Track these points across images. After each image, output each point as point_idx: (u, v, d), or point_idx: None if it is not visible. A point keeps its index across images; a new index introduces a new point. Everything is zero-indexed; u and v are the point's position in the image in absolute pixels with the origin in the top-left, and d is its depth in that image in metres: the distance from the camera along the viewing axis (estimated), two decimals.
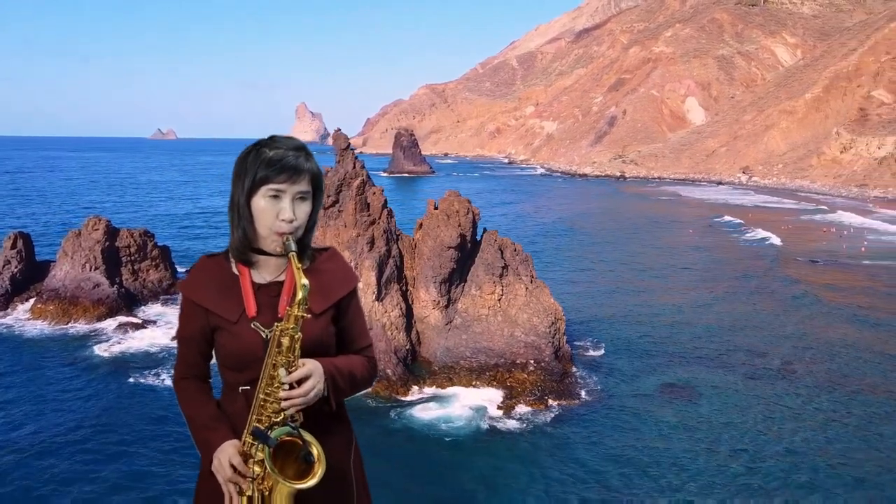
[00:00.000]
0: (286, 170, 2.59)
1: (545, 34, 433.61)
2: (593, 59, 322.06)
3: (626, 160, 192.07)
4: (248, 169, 2.63)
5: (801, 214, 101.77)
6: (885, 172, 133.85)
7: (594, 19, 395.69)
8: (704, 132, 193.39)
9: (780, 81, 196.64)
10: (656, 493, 22.74)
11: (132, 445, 26.09)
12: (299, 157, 2.63)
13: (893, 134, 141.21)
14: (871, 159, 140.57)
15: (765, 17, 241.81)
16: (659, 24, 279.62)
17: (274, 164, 2.59)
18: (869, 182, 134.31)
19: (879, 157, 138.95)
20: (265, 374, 2.54)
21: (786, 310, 45.68)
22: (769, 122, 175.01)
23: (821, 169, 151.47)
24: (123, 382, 32.76)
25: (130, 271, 46.88)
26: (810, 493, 22.52)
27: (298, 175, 2.62)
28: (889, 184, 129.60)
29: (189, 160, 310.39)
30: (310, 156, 2.68)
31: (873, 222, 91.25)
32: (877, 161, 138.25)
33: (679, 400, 30.61)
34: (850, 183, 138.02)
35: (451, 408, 29.49)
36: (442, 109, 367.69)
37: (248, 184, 2.62)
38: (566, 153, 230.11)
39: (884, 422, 28.06)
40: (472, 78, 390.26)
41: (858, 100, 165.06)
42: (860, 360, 35.55)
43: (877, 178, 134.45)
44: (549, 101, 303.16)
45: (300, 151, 2.65)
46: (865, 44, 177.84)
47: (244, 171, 2.64)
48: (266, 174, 2.59)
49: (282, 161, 2.59)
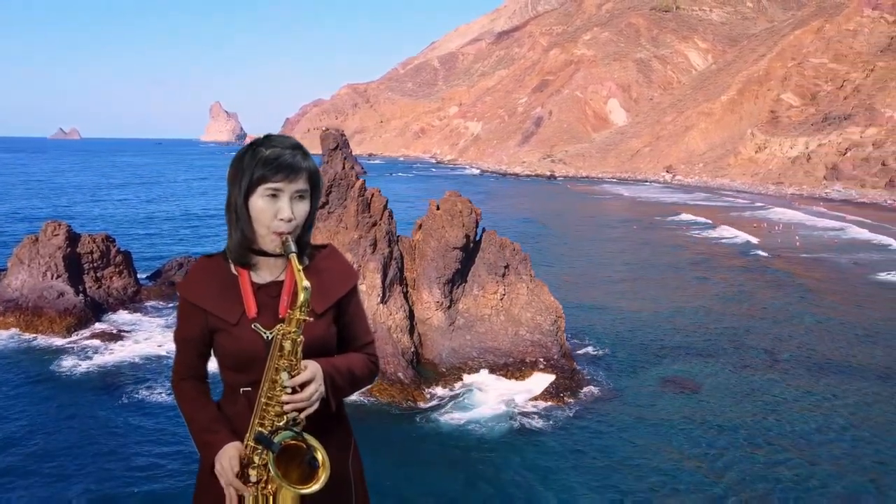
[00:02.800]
0: (283, 168, 2.57)
1: (465, 35, 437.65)
2: (514, 60, 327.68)
3: (554, 160, 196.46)
4: (244, 169, 2.60)
5: (738, 211, 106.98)
6: (798, 171, 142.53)
7: (512, 21, 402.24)
8: (628, 132, 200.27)
9: (696, 84, 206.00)
10: (694, 486, 23.41)
11: (128, 462, 24.61)
12: (296, 156, 2.62)
13: (804, 135, 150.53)
14: (785, 158, 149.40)
15: (677, 23, 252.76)
16: (577, 28, 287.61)
17: (271, 163, 2.57)
18: (784, 180, 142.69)
19: (792, 156, 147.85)
20: (267, 377, 2.53)
21: (758, 299, 47.99)
22: (689, 123, 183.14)
23: (738, 168, 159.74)
24: (108, 398, 30.73)
25: (93, 279, 44.24)
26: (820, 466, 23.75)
27: (296, 173, 2.60)
28: (803, 181, 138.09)
29: (102, 161, 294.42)
30: (307, 154, 2.68)
31: (803, 217, 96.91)
32: (790, 160, 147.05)
33: (684, 391, 31.60)
34: (767, 181, 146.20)
35: (472, 408, 29.37)
36: (365, 110, 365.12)
37: (245, 184, 2.59)
38: (494, 153, 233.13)
39: (870, 399, 29.95)
40: (393, 78, 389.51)
41: (769, 103, 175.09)
42: (841, 342, 37.79)
43: (791, 176, 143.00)
44: (473, 102, 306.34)
45: (297, 150, 2.64)
46: (773, 50, 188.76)
47: (241, 172, 2.61)
48: (263, 173, 2.57)
49: (279, 160, 2.58)
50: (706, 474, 23.99)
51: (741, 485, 23.21)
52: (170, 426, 27.75)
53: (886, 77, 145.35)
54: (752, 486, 23.03)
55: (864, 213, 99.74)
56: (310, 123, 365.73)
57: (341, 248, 33.30)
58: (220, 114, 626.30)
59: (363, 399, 29.95)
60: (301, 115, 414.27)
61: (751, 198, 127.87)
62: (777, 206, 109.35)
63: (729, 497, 22.32)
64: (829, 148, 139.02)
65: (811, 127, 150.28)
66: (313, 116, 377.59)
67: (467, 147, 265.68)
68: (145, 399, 30.61)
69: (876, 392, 31.35)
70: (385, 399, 30.06)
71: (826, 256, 66.98)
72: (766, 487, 22.95)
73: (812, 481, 23.38)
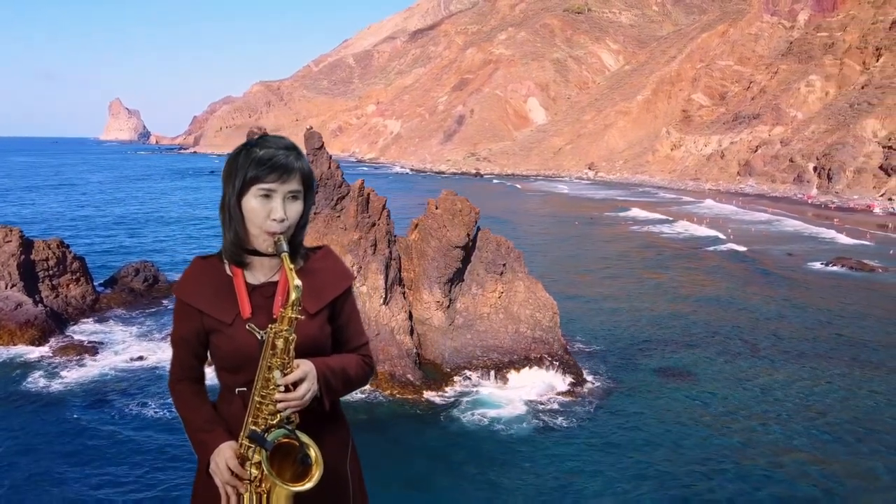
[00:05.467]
0: (277, 169, 2.58)
1: (378, 33, 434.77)
2: (431, 59, 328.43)
3: (479, 158, 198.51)
4: (238, 169, 2.62)
5: (667, 205, 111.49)
6: (713, 167, 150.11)
7: (426, 20, 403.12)
8: (549, 131, 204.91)
9: (612, 84, 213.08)
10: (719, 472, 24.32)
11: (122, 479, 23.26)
12: (290, 156, 2.62)
13: (716, 133, 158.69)
14: (700, 156, 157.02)
15: (590, 25, 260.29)
16: (492, 28, 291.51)
17: (264, 164, 2.58)
18: (701, 176, 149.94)
19: (707, 153, 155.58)
20: (260, 376, 2.55)
21: (718, 288, 50.29)
22: (608, 121, 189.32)
23: (657, 165, 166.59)
24: (97, 417, 28.57)
25: (49, 287, 41.25)
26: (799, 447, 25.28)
27: (289, 174, 2.60)
28: (718, 177, 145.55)
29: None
30: (301, 155, 2.68)
31: (730, 211, 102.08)
32: (705, 157, 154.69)
33: (682, 382, 32.76)
34: (685, 177, 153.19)
35: (485, 407, 29.34)
36: (279, 108, 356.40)
37: (238, 184, 2.61)
38: (416, 151, 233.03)
39: (825, 376, 32.12)
40: (308, 76, 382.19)
41: (681, 102, 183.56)
42: (799, 326, 40.18)
43: (707, 172, 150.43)
44: (391, 100, 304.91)
45: (291, 150, 2.65)
46: (683, 52, 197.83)
47: (234, 171, 2.63)
48: (256, 174, 2.58)
49: (272, 160, 2.58)
50: (719, 459, 25.00)
51: (752, 460, 24.33)
52: (167, 439, 26.33)
53: (789, 79, 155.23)
54: (765, 458, 24.20)
55: (782, 207, 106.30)
56: (221, 122, 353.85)
57: (341, 249, 32.55)
58: (120, 111, 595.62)
59: (377, 401, 29.42)
60: (210, 114, 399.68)
61: (676, 193, 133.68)
62: (707, 200, 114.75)
63: (751, 474, 23.36)
64: (741, 146, 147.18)
65: (723, 126, 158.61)
66: (225, 114, 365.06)
67: (388, 146, 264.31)
68: (140, 415, 28.85)
69: (841, 372, 33.58)
70: (398, 401, 29.64)
71: (765, 248, 70.79)
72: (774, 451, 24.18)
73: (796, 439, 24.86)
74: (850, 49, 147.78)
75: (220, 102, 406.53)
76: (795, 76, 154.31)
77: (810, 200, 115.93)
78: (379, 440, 26.26)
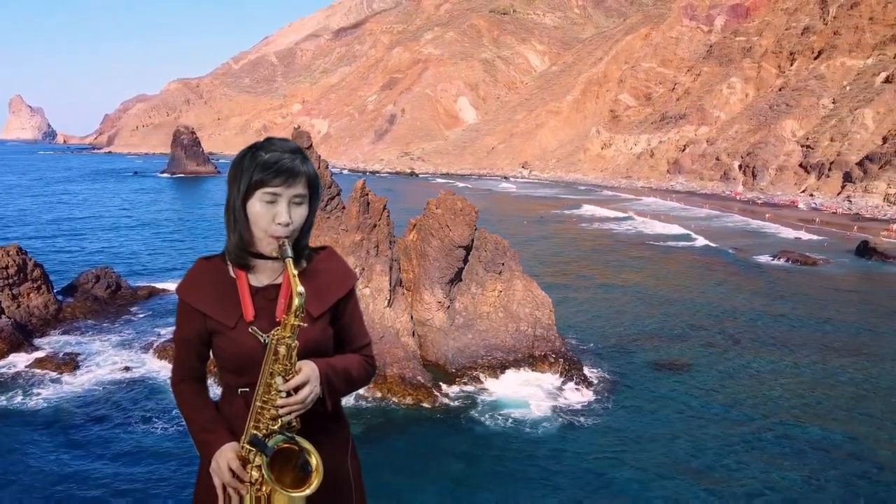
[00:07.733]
0: (282, 173, 2.58)
1: (299, 31, 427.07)
2: (357, 57, 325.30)
3: (413, 157, 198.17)
4: (243, 171, 2.62)
5: (617, 202, 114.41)
6: (644, 166, 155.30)
7: (348, 18, 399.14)
8: (482, 130, 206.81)
9: (541, 84, 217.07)
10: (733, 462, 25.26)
11: None
12: (295, 160, 2.62)
13: (644, 133, 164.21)
14: (630, 154, 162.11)
15: (516, 26, 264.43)
16: (418, 27, 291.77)
17: (269, 168, 2.57)
18: (632, 174, 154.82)
19: (637, 152, 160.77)
20: (262, 382, 2.57)
21: (692, 281, 52.08)
22: (539, 121, 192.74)
23: (589, 163, 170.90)
24: (74, 433, 26.79)
25: (10, 297, 38.49)
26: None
27: (294, 178, 2.60)
28: (649, 175, 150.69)
29: None
30: (306, 158, 2.68)
31: (668, 208, 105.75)
32: (635, 156, 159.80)
33: (677, 373, 33.79)
34: (617, 175, 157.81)
35: (495, 407, 29.35)
36: (199, 106, 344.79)
37: (243, 187, 2.61)
38: (347, 151, 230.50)
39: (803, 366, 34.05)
40: (228, 73, 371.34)
41: (609, 103, 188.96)
42: (787, 320, 42.21)
43: (637, 170, 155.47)
44: (317, 99, 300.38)
45: (296, 154, 2.64)
46: (609, 53, 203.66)
47: (240, 174, 2.63)
48: (262, 177, 2.58)
49: (277, 164, 2.58)
50: (725, 443, 26.01)
51: (756, 442, 25.45)
52: (170, 449, 25.12)
53: (711, 81, 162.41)
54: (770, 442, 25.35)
55: (714, 204, 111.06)
56: (138, 120, 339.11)
57: (342, 251, 31.83)
58: (22, 108, 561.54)
59: (390, 405, 28.95)
60: (123, 112, 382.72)
61: (614, 190, 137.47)
62: (650, 197, 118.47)
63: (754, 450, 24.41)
64: (669, 145, 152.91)
65: (651, 125, 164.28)
66: (140, 112, 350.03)
67: (317, 145, 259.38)
68: (148, 431, 27.34)
69: (816, 360, 35.54)
70: (413, 404, 29.24)
71: (723, 244, 73.54)
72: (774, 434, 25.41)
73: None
74: (767, 53, 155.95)
75: (134, 100, 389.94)
76: (717, 78, 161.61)
77: (738, 197, 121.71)
78: (401, 444, 25.83)
